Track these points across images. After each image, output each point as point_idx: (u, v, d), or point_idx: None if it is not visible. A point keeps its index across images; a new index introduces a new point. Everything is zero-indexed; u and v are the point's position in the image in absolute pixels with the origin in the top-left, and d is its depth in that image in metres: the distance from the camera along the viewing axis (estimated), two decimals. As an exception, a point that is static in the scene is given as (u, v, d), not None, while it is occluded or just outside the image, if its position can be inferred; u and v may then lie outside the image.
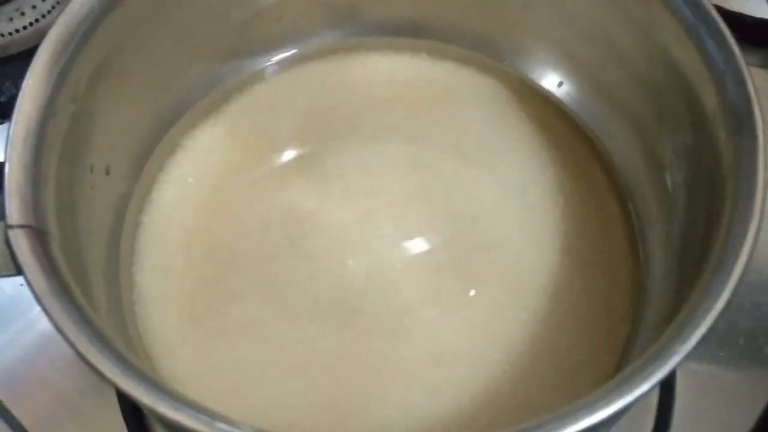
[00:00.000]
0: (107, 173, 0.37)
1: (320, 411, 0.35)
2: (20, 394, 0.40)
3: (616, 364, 0.37)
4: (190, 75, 0.40)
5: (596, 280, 0.39)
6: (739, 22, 0.50)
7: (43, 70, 0.31)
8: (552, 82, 0.43)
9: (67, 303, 0.27)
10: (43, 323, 0.28)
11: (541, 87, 0.43)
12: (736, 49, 0.31)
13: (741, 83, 0.31)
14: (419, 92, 0.44)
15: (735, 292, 0.28)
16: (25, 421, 0.40)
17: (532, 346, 0.37)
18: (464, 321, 0.38)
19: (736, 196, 0.30)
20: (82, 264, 0.32)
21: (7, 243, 0.28)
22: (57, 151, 0.31)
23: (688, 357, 0.26)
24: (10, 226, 0.28)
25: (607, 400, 0.26)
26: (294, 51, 0.44)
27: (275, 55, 0.44)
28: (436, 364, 0.36)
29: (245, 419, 0.25)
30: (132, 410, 0.38)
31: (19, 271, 0.28)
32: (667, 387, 0.39)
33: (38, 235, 0.28)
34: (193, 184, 0.41)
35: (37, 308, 0.27)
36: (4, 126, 0.47)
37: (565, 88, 0.43)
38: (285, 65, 0.44)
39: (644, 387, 0.26)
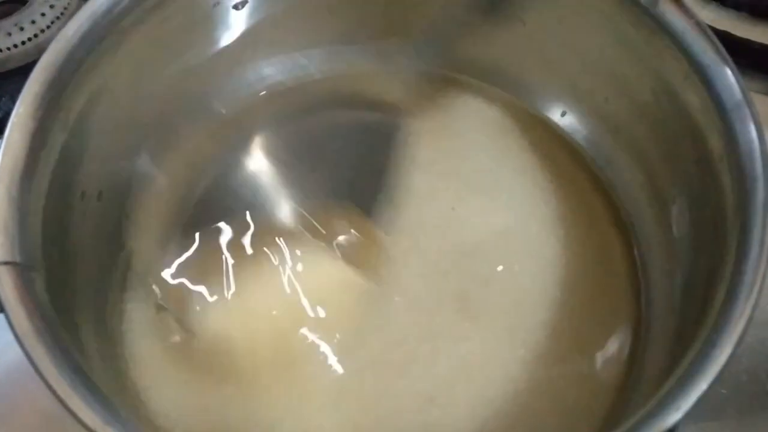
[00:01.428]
0: (99, 199, 0.36)
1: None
2: (3, 414, 0.39)
3: (615, 404, 0.36)
4: (183, 100, 0.40)
5: (596, 317, 0.38)
6: (745, 49, 0.49)
7: (34, 99, 0.30)
8: (556, 111, 0.42)
9: (50, 345, 0.26)
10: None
11: (544, 116, 0.43)
12: (744, 90, 0.31)
13: (747, 127, 0.30)
14: (421, 119, 0.43)
15: (738, 344, 0.28)
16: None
17: (529, 384, 0.36)
18: (461, 357, 0.37)
19: (741, 241, 0.29)
20: (70, 296, 0.31)
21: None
22: (46, 181, 0.31)
23: (688, 415, 0.26)
24: (-6, 263, 0.27)
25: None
26: (286, 76, 0.43)
27: (268, 79, 0.43)
28: (431, 401, 0.36)
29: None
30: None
31: (0, 309, 0.27)
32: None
33: (23, 271, 0.28)
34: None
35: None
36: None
37: (568, 118, 0.42)
38: (277, 88, 0.43)
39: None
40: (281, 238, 0.39)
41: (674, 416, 0.26)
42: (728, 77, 0.31)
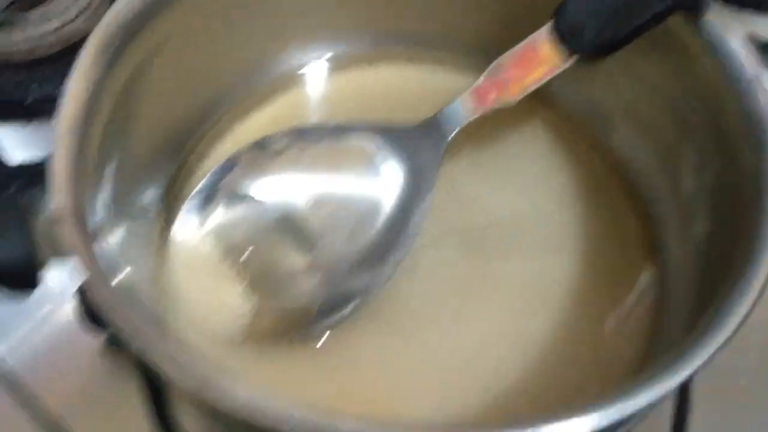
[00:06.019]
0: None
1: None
2: (44, 382, 0.40)
3: (637, 369, 0.37)
4: (222, 79, 0.42)
5: (613, 288, 0.39)
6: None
7: (86, 74, 0.32)
8: (570, 93, 0.43)
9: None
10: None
11: (558, 99, 0.44)
12: (760, 62, 0.32)
13: (765, 97, 0.32)
14: (438, 102, 0.44)
15: (758, 298, 0.29)
16: (50, 408, 0.39)
17: (554, 352, 0.38)
18: (490, 325, 0.38)
19: (758, 210, 0.31)
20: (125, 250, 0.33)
21: (48, 234, 0.29)
22: (97, 145, 0.32)
23: (716, 355, 0.27)
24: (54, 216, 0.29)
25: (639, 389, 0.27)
26: (328, 58, 0.45)
27: (308, 63, 0.45)
28: (463, 368, 0.37)
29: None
30: (155, 400, 0.38)
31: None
32: (682, 397, 0.39)
33: (82, 223, 0.29)
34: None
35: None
36: (30, 128, 0.48)
37: (583, 99, 0.43)
38: (317, 74, 0.45)
39: (673, 382, 0.27)
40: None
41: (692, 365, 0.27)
42: (744, 51, 0.33)
